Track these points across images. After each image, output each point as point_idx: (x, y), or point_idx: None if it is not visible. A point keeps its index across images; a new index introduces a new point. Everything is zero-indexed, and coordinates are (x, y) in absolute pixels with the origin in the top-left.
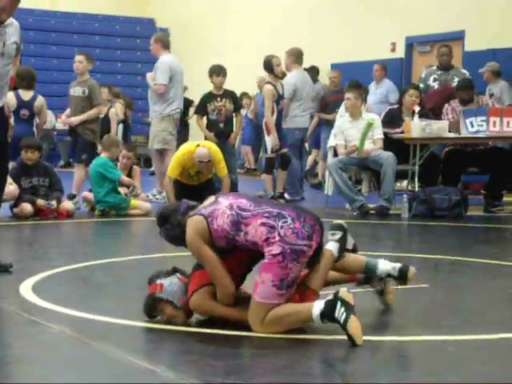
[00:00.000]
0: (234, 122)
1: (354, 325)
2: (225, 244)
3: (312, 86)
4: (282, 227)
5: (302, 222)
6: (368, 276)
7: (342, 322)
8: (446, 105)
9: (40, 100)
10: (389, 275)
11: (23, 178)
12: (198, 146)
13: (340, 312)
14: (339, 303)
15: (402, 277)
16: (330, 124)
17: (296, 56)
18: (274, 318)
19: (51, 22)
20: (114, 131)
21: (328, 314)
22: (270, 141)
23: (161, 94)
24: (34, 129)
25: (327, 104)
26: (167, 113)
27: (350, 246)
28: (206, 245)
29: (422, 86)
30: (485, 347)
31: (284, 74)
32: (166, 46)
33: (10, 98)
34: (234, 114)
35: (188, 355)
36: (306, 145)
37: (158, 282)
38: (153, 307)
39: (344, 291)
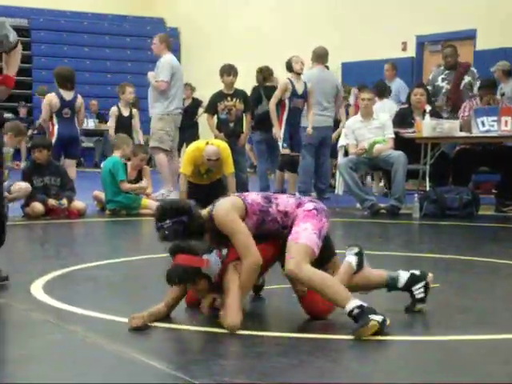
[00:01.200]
0: (244, 122)
1: (368, 332)
2: (255, 220)
3: (333, 85)
4: (303, 197)
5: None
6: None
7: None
8: (466, 101)
9: (80, 99)
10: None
11: (35, 177)
12: (208, 143)
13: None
14: (373, 314)
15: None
16: None
17: (317, 54)
18: (320, 277)
19: (61, 22)
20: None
21: (356, 317)
22: (278, 133)
23: (162, 91)
24: (77, 126)
25: None
26: (167, 112)
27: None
28: None
29: (429, 87)
30: (498, 347)
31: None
32: (170, 47)
33: (53, 99)
34: (244, 114)
35: (198, 355)
36: None
37: (205, 257)
38: (190, 279)
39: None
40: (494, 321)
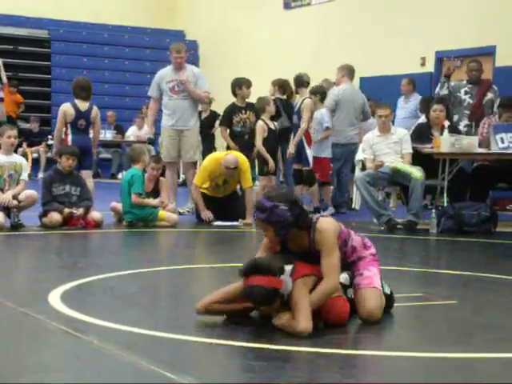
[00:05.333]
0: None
1: None
2: (338, 247)
3: (360, 102)
4: (363, 237)
5: None
6: None
7: (389, 292)
8: (485, 119)
9: (95, 110)
10: None
11: (56, 185)
12: (227, 154)
13: (386, 287)
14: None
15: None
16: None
17: (348, 71)
18: (382, 304)
19: (82, 34)
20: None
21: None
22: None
23: (202, 103)
24: (91, 137)
25: None
26: (199, 124)
27: (387, 291)
28: None
29: (438, 91)
30: None
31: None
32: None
33: (68, 109)
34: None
35: (215, 367)
36: None
37: (282, 278)
38: (271, 300)
39: None
40: (511, 338)
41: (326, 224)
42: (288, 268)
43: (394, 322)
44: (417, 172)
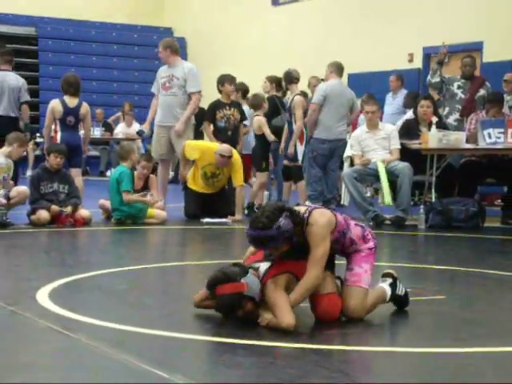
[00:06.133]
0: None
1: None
2: (333, 238)
3: (349, 98)
4: (365, 228)
5: None
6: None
7: (403, 294)
8: (473, 114)
9: (85, 107)
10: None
11: (44, 183)
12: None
13: (400, 288)
14: (398, 282)
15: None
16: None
17: (336, 67)
18: (372, 303)
19: (69, 31)
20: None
21: (394, 292)
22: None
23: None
24: (81, 135)
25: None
26: (192, 122)
27: (400, 292)
28: None
29: (430, 78)
30: (501, 359)
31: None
32: (177, 51)
33: (56, 105)
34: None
35: (203, 364)
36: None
37: (243, 281)
38: (237, 305)
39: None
40: (501, 333)
41: (319, 217)
42: (263, 268)
43: (382, 318)
44: (387, 197)
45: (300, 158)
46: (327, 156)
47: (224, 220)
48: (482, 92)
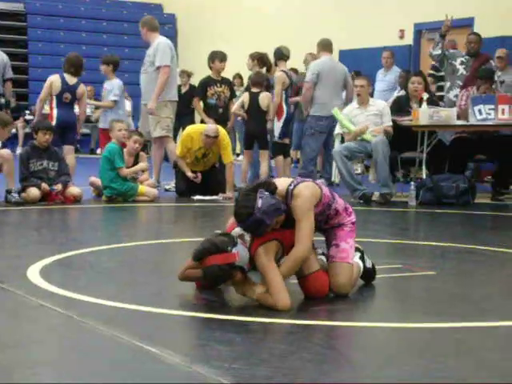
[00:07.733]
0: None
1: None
2: (319, 211)
3: (342, 73)
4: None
5: None
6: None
7: (371, 266)
8: (463, 90)
9: (82, 87)
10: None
11: (33, 161)
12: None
13: (368, 261)
14: (365, 255)
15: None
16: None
17: (323, 45)
18: (355, 278)
19: (58, 7)
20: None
21: (364, 265)
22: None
23: (166, 77)
24: (76, 112)
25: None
26: (169, 98)
27: (369, 264)
28: None
29: (431, 50)
30: (491, 334)
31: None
32: (156, 28)
33: (56, 81)
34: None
35: (195, 340)
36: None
37: (234, 250)
38: (228, 275)
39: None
40: (492, 308)
41: (303, 189)
42: (248, 237)
43: (373, 293)
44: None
45: (276, 134)
46: (326, 133)
47: (215, 197)
48: None
